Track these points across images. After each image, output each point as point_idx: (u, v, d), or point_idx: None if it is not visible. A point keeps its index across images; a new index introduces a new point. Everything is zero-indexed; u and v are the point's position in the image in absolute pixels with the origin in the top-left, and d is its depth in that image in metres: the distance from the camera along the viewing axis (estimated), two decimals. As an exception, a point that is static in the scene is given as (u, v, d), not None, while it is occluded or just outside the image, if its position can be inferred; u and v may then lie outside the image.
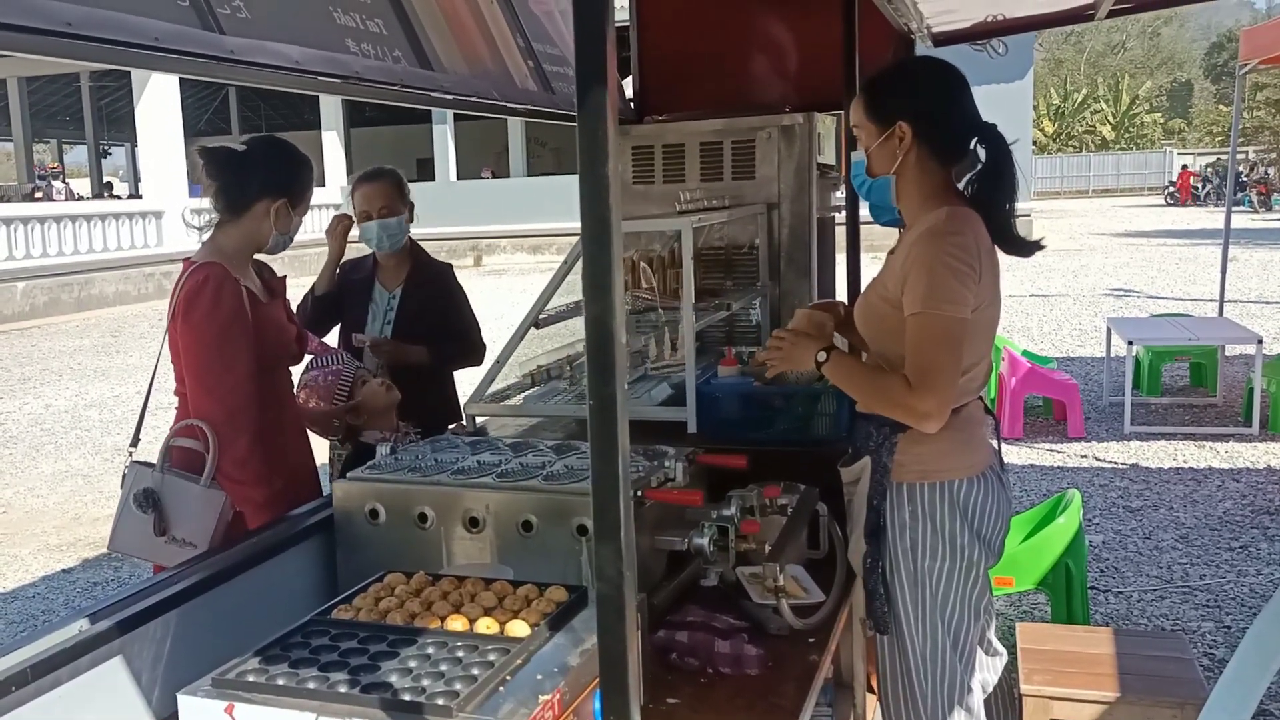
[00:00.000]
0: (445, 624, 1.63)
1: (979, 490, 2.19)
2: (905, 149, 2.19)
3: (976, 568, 2.20)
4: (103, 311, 18.07)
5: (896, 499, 2.19)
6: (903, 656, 2.24)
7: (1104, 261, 18.56)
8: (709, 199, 3.44)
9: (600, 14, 1.07)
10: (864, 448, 2.24)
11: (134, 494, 2.54)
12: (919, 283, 2.07)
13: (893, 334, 2.16)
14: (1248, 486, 6.03)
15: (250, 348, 2.58)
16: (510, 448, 2.39)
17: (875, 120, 2.22)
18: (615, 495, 1.04)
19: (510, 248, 24.81)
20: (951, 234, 2.10)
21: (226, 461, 2.53)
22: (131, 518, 2.55)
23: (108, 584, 5.43)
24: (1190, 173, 37.22)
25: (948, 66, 2.26)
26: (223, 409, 2.54)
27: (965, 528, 2.17)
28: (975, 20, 4.12)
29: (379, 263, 3.59)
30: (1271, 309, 12.37)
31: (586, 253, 1.02)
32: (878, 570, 2.21)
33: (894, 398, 2.10)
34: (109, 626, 1.73)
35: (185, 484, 2.53)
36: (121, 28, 1.75)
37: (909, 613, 2.21)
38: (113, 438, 8.70)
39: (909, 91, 2.23)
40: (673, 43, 3.96)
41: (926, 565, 2.18)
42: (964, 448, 2.21)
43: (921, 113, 2.19)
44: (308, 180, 2.80)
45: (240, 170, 2.68)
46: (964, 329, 2.09)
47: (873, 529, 2.21)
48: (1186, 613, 4.40)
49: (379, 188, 3.49)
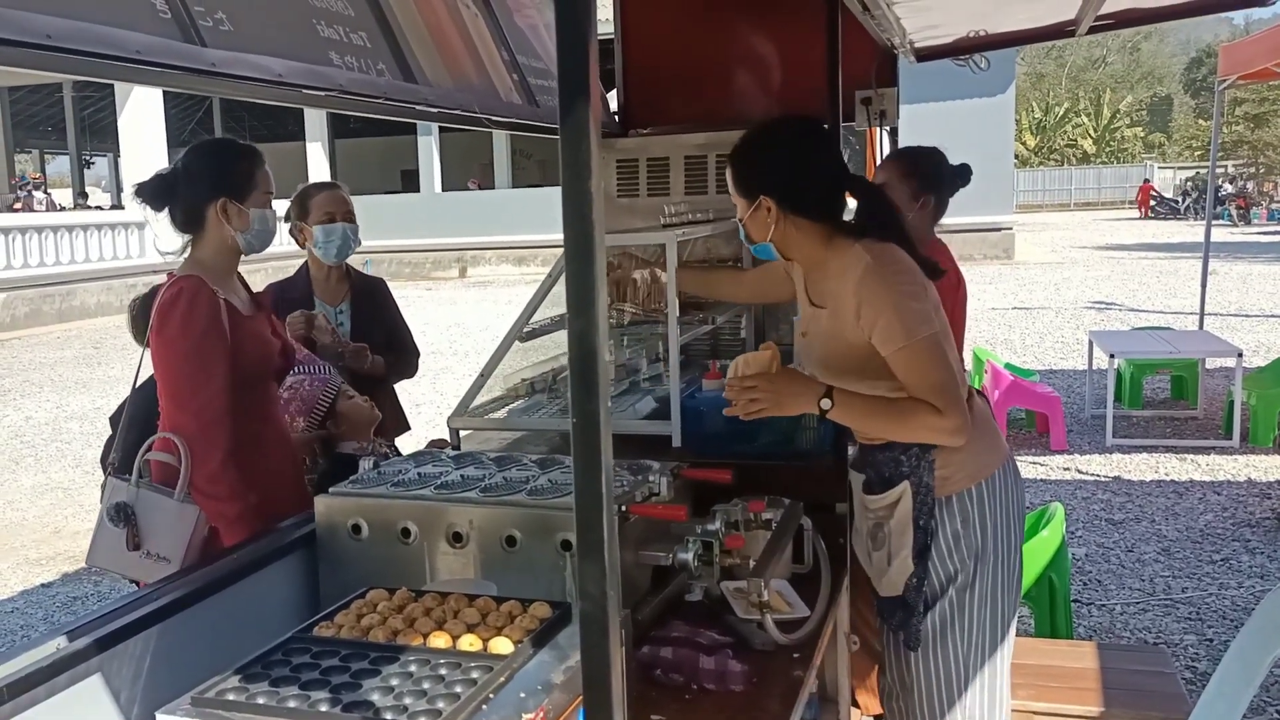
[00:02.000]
0: (428, 641, 1.62)
1: (1013, 472, 2.33)
2: (774, 219, 2.23)
3: (1018, 552, 2.33)
4: (84, 323, 17.96)
5: (947, 513, 2.25)
6: (946, 667, 2.28)
7: (1085, 274, 18.69)
8: (693, 212, 3.44)
9: (582, 28, 1.07)
10: (896, 475, 2.26)
11: (108, 508, 2.51)
12: (890, 323, 2.12)
13: (865, 372, 2.20)
14: (1229, 499, 6.07)
15: (226, 361, 2.55)
16: (494, 462, 2.38)
17: (741, 194, 2.28)
18: (599, 513, 1.03)
19: (495, 259, 24.80)
20: (890, 265, 2.17)
21: (199, 476, 2.50)
22: (107, 532, 2.52)
23: (88, 599, 5.38)
24: (1149, 185, 37.59)
25: (806, 128, 2.31)
26: (196, 423, 2.51)
27: (1014, 515, 2.30)
28: (958, 36, 4.16)
29: (314, 278, 3.52)
30: (1251, 322, 12.47)
31: (569, 269, 1.02)
32: (923, 588, 2.26)
33: (924, 423, 2.13)
34: (87, 644, 1.71)
35: (159, 498, 2.51)
36: (102, 40, 1.74)
37: (959, 622, 2.27)
38: (93, 450, 8.61)
39: (767, 165, 2.25)
40: (658, 56, 3.97)
41: (980, 567, 2.25)
42: (992, 438, 2.33)
43: (781, 184, 2.22)
44: (244, 170, 2.69)
45: (172, 191, 2.67)
46: (942, 339, 2.16)
47: (921, 548, 2.24)
48: (1169, 625, 4.41)
49: (339, 195, 3.46)
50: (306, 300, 3.49)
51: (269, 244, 2.78)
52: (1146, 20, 4.18)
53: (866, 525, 2.36)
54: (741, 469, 2.35)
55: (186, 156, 2.73)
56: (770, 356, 2.24)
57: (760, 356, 2.24)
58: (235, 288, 2.74)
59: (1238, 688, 2.11)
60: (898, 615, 2.33)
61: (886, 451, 2.28)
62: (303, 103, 2.46)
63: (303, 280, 3.54)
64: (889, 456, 2.27)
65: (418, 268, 24.67)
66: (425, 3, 3.02)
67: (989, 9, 3.72)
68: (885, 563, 2.31)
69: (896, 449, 2.26)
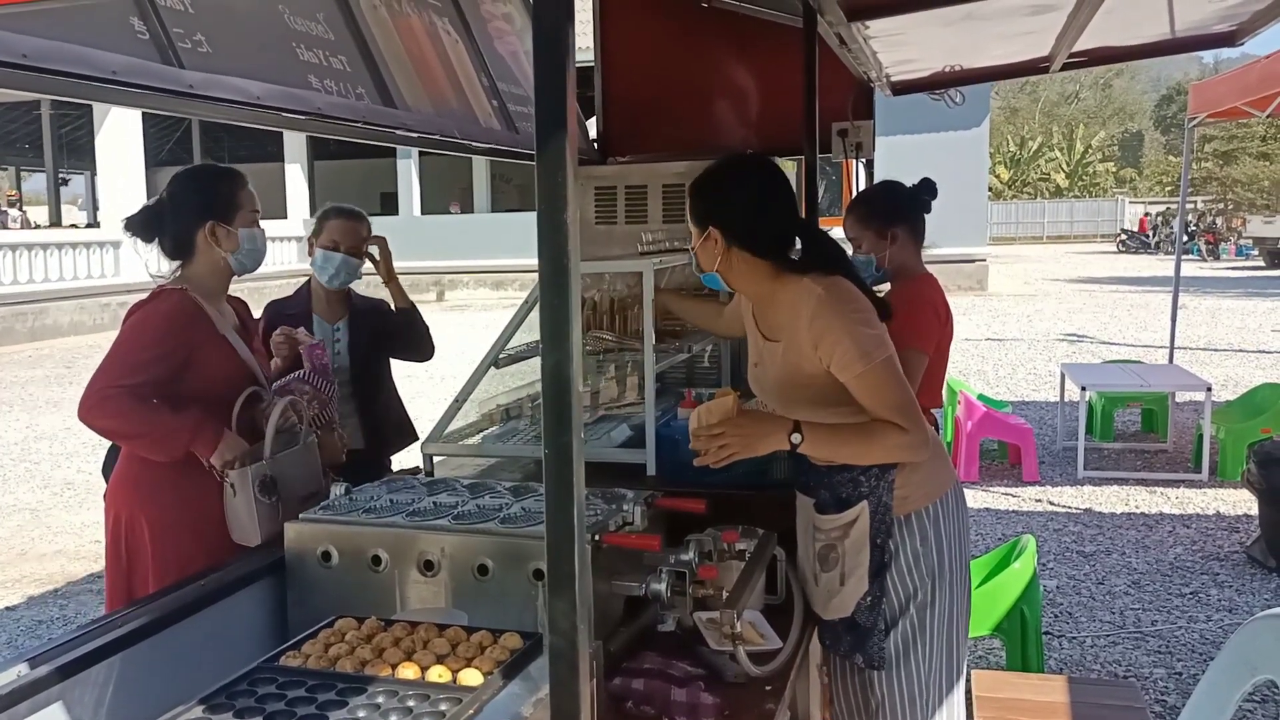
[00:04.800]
0: (396, 672, 1.60)
1: (961, 493, 2.42)
2: (721, 250, 2.28)
3: (968, 571, 2.42)
4: (57, 342, 17.73)
5: (907, 531, 2.30)
6: (911, 686, 2.31)
7: (1058, 307, 18.88)
8: (671, 240, 3.46)
9: (560, 62, 1.08)
10: (854, 495, 2.30)
11: (255, 489, 2.55)
12: (848, 350, 2.16)
13: (823, 400, 2.24)
14: (1198, 532, 6.12)
15: (175, 365, 2.56)
16: (468, 489, 2.36)
17: (694, 223, 2.34)
18: (570, 546, 1.03)
19: (473, 283, 24.75)
20: (840, 295, 2.23)
21: None
22: (258, 510, 2.56)
23: (53, 623, 5.28)
24: (1145, 219, 38.15)
25: (764, 168, 2.36)
26: (96, 395, 2.52)
27: (963, 534, 2.37)
28: (934, 70, 4.21)
29: (315, 298, 3.55)
30: (1220, 356, 12.63)
31: (544, 300, 1.02)
32: (880, 607, 2.29)
33: (890, 442, 2.18)
34: (49, 671, 1.68)
35: (287, 453, 2.67)
36: (80, 60, 1.74)
37: (921, 641, 2.31)
38: (63, 471, 8.51)
39: (720, 199, 2.31)
40: (637, 85, 4.00)
41: (939, 584, 2.30)
42: (943, 459, 2.41)
43: (731, 219, 2.27)
44: (227, 191, 2.73)
45: (159, 222, 2.71)
46: (896, 360, 2.21)
47: (878, 567, 2.29)
48: (1139, 658, 4.43)
49: (355, 228, 3.49)
50: (305, 316, 3.51)
51: (260, 263, 2.80)
52: (1118, 58, 4.25)
53: (815, 547, 2.37)
54: (716, 498, 2.35)
55: (171, 185, 2.76)
56: (732, 402, 2.24)
57: (722, 403, 2.24)
58: (223, 307, 2.76)
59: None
60: (846, 640, 2.34)
61: (845, 473, 2.30)
62: (282, 125, 2.46)
63: (304, 296, 3.58)
64: (847, 477, 2.30)
65: (395, 290, 24.60)
66: (406, 28, 3.03)
67: (965, 45, 3.78)
68: (837, 583, 2.32)
69: (855, 470, 2.29)
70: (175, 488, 2.59)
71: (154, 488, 2.61)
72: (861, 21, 2.97)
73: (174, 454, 2.56)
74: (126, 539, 2.62)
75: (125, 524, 2.62)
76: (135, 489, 2.64)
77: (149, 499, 2.61)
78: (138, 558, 2.60)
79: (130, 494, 2.64)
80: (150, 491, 2.61)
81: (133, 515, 2.61)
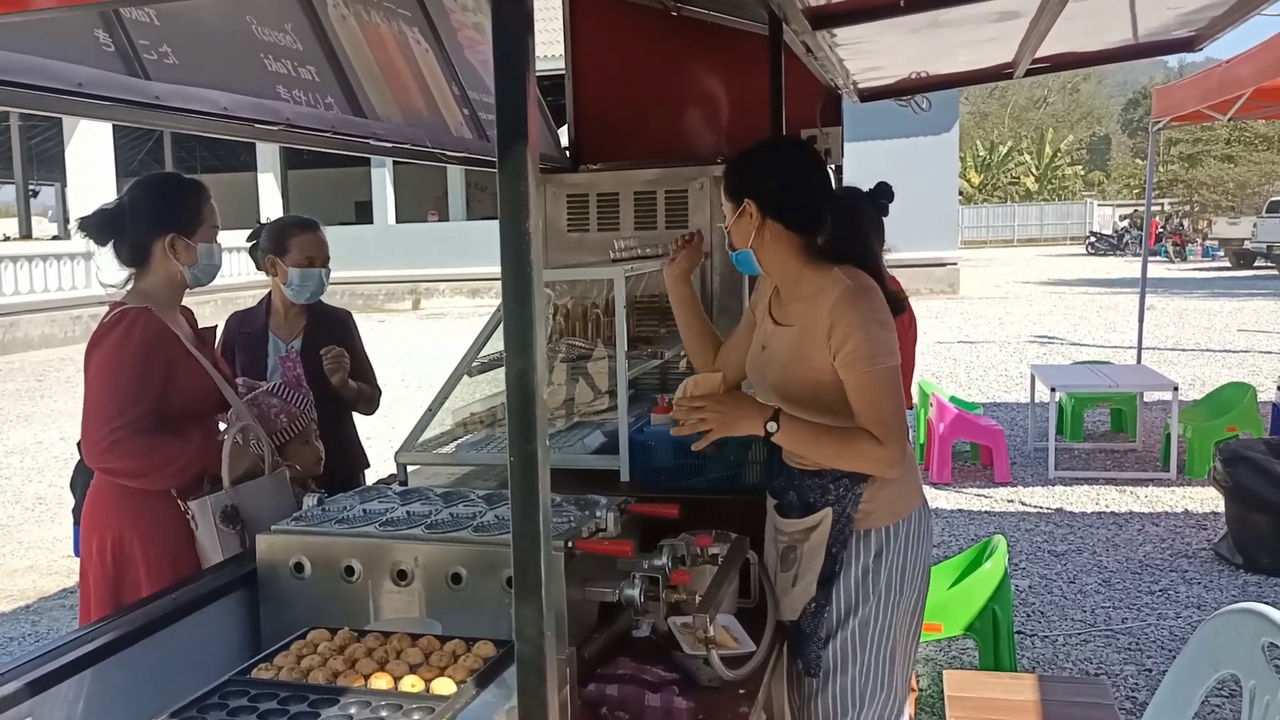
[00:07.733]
0: (369, 682, 1.60)
1: (928, 517, 2.40)
2: (755, 224, 2.30)
3: (923, 599, 2.39)
4: (27, 355, 17.52)
5: (863, 545, 2.28)
6: (843, 700, 2.30)
7: (1028, 309, 19.04)
8: (643, 247, 3.48)
9: (521, 70, 1.09)
10: (820, 501, 2.30)
11: (217, 519, 2.53)
12: (859, 345, 2.17)
13: (816, 402, 2.25)
14: (1166, 530, 6.19)
15: (158, 389, 2.53)
16: (441, 498, 2.36)
17: (729, 198, 2.36)
18: (536, 552, 1.04)
19: (449, 291, 24.68)
20: (866, 291, 2.24)
21: None
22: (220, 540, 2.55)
23: (24, 639, 5.22)
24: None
25: (797, 147, 2.42)
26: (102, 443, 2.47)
27: (923, 554, 2.34)
28: (900, 77, 4.26)
29: (275, 310, 3.49)
30: (1187, 356, 12.78)
31: (507, 309, 1.03)
32: (823, 615, 2.29)
33: (864, 453, 2.18)
34: (18, 688, 1.67)
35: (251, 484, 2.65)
36: (44, 73, 1.73)
37: (859, 657, 2.29)
38: (34, 486, 8.41)
39: (756, 172, 2.34)
40: (608, 93, 4.02)
41: (884, 604, 2.29)
42: (915, 481, 2.38)
43: (766, 191, 2.30)
44: (192, 205, 2.69)
45: (118, 225, 2.66)
46: (899, 373, 2.21)
47: (828, 575, 2.28)
48: (1109, 656, 4.48)
49: (318, 238, 3.42)
50: (263, 334, 3.46)
51: (214, 277, 2.77)
52: (1081, 64, 4.32)
53: (778, 548, 2.39)
54: (689, 503, 2.36)
55: (132, 191, 2.71)
56: (719, 380, 2.28)
57: (710, 378, 2.30)
58: (178, 320, 2.71)
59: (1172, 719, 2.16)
60: (791, 643, 2.36)
61: (815, 478, 2.31)
62: (251, 136, 2.45)
63: (262, 315, 3.50)
64: (817, 483, 2.31)
65: (370, 299, 24.47)
66: (375, 37, 3.03)
67: (930, 51, 3.82)
68: (789, 584, 2.34)
69: (827, 476, 2.29)
70: (166, 502, 2.56)
71: (143, 506, 2.56)
72: (827, 30, 3.00)
73: (186, 480, 2.53)
74: (114, 558, 2.56)
75: (114, 543, 2.56)
76: (117, 510, 2.58)
77: (140, 517, 2.55)
78: (128, 575, 2.55)
79: (113, 515, 2.58)
80: (140, 510, 2.56)
81: (122, 534, 2.55)
